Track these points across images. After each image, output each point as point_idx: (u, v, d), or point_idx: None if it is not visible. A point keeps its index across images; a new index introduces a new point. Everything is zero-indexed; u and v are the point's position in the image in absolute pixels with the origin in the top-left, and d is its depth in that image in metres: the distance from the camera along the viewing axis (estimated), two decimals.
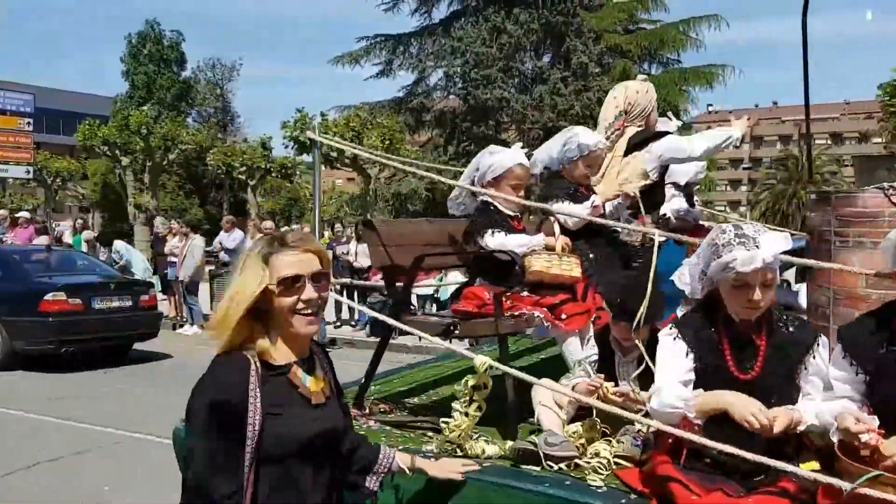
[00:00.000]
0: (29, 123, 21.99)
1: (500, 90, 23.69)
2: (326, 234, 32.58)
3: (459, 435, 2.50)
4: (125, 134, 25.66)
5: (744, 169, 62.60)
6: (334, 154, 18.59)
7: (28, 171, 23.30)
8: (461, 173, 3.81)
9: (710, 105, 39.24)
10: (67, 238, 16.23)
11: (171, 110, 40.83)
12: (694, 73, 21.57)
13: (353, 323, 12.56)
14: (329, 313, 12.22)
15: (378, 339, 3.25)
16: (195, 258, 12.23)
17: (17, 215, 17.24)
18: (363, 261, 11.95)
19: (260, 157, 24.20)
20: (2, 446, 5.98)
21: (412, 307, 4.55)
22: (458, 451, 2.50)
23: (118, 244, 13.95)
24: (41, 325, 8.96)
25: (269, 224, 13.00)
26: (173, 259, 12.59)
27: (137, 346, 10.48)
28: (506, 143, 4.48)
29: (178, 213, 33.54)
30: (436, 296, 11.26)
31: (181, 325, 12.58)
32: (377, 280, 11.33)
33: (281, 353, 1.75)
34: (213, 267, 13.46)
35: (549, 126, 20.17)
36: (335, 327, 12.25)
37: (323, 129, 18.02)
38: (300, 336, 1.76)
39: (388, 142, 18.77)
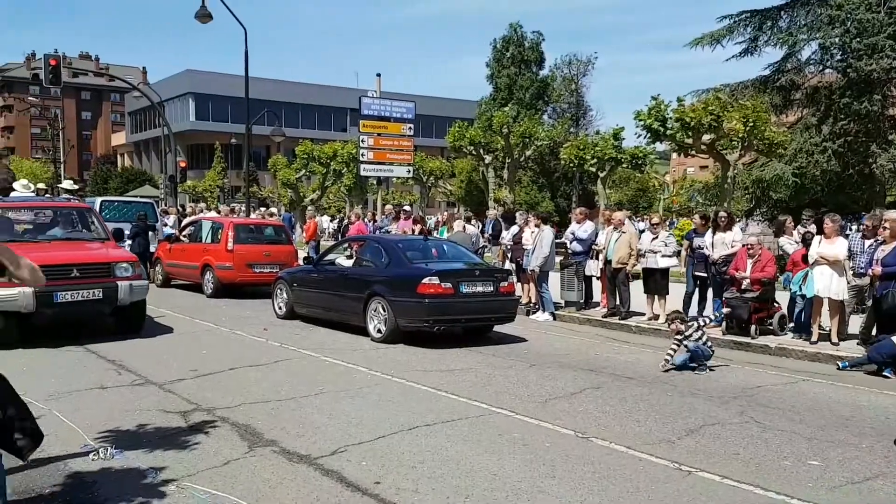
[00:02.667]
0: (410, 128, 24.76)
1: (889, 59, 20.46)
2: (676, 222, 31.33)
3: None
4: (488, 134, 27.70)
5: None
6: (689, 140, 17.80)
7: (409, 171, 26.31)
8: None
9: None
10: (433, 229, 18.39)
11: (528, 109, 42.99)
12: None
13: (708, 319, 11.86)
14: (677, 305, 11.75)
15: (734, 338, 2.99)
16: (544, 249, 12.68)
17: (402, 210, 19.70)
18: (720, 251, 11.24)
19: (611, 149, 24.21)
20: (385, 407, 6.81)
21: None
22: None
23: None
24: (419, 306, 10.01)
25: (619, 215, 12.91)
26: (527, 248, 13.23)
27: (496, 328, 11.25)
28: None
29: (531, 206, 35.22)
30: None
31: (533, 312, 13.15)
32: (740, 274, 10.58)
33: None
34: (562, 257, 13.84)
35: None
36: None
37: (679, 115, 17.37)
38: None
39: (750, 124, 17.37)
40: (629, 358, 9.63)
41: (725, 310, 10.60)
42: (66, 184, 18.09)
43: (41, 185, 20.73)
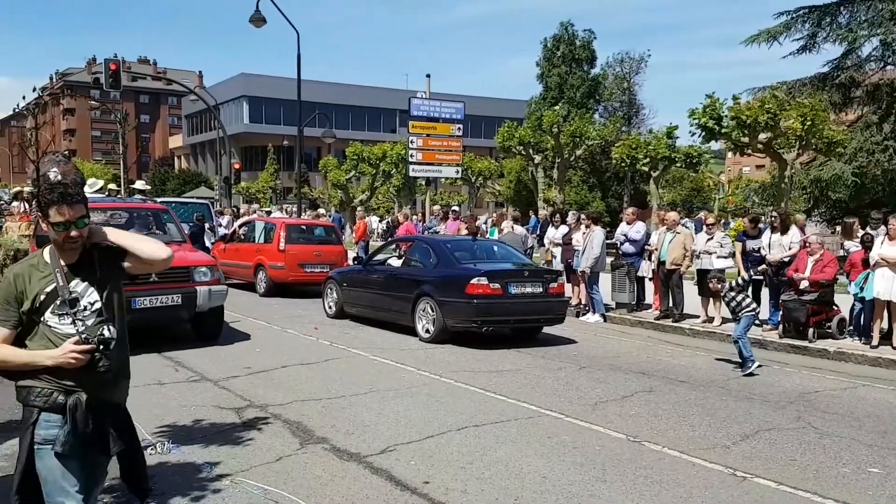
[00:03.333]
0: (459, 129, 24.78)
1: None
2: (732, 223, 30.74)
3: None
4: (538, 133, 27.54)
5: None
6: (745, 139, 17.42)
7: (457, 172, 26.33)
8: None
9: None
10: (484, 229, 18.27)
11: (579, 108, 42.60)
12: None
13: (760, 322, 11.56)
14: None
15: (791, 341, 2.87)
16: (595, 249, 12.55)
17: (449, 210, 19.76)
18: (777, 253, 10.96)
19: (664, 147, 23.82)
20: (434, 407, 6.84)
21: None
22: None
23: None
24: (467, 306, 10.01)
25: (672, 215, 12.69)
26: (577, 248, 13.12)
27: (545, 329, 11.17)
28: None
29: (581, 207, 34.89)
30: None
31: (583, 313, 13.02)
32: (798, 275, 10.30)
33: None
34: (613, 258, 13.67)
35: None
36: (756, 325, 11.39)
37: (735, 113, 17.01)
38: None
39: (808, 122, 16.90)
40: (682, 361, 9.46)
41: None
42: (139, 184, 17.90)
43: (112, 186, 20.76)
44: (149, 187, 18.94)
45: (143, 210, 11.25)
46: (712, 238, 11.76)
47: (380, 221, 38.71)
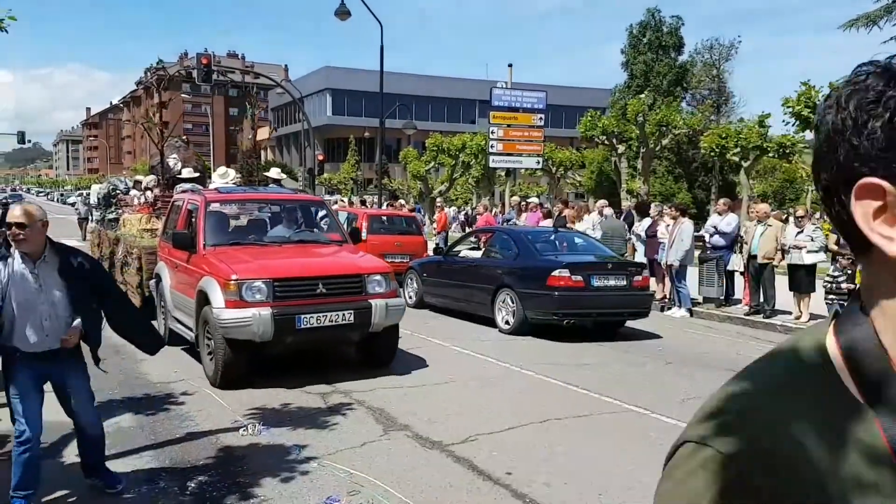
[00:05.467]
0: (541, 119, 24.55)
1: None
2: (824, 216, 29.35)
3: None
4: (622, 122, 26.99)
5: None
6: None
7: (538, 162, 26.12)
8: None
9: None
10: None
11: (666, 96, 41.49)
12: None
13: None
14: (823, 307, 10.99)
15: None
16: (684, 242, 12.21)
17: (527, 201, 19.60)
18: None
19: (756, 137, 22.94)
20: (515, 398, 6.82)
21: None
22: None
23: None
24: (548, 299, 9.91)
25: (764, 207, 12.21)
26: (662, 241, 12.81)
27: (628, 323, 10.97)
28: None
29: (666, 198, 34.00)
30: None
31: (668, 308, 12.71)
32: None
33: None
34: (700, 251, 13.28)
35: None
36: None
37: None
38: None
39: None
40: None
41: None
42: (274, 172, 15.77)
43: (231, 172, 18.71)
44: (284, 176, 15.99)
45: (294, 203, 9.47)
46: (802, 231, 11.23)
47: (458, 212, 38.84)
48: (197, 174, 12.80)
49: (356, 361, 8.22)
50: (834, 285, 10.26)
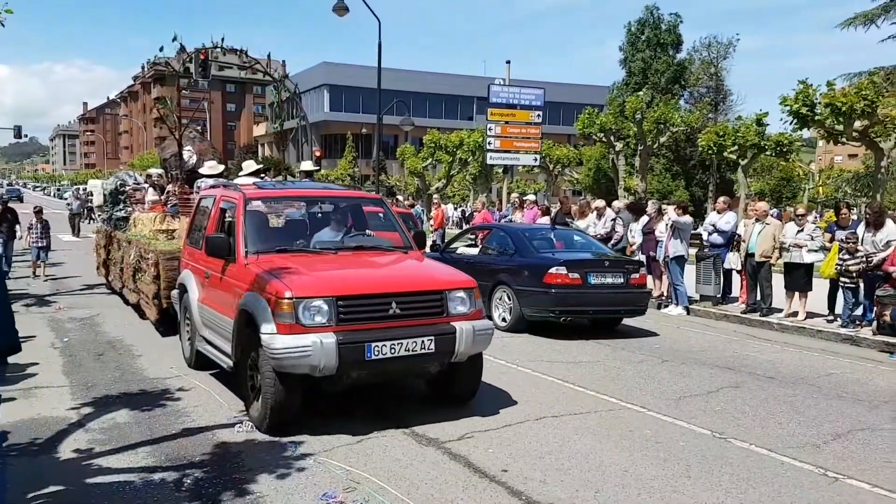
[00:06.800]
0: (539, 116, 24.51)
1: None
2: (823, 214, 29.38)
3: None
4: (619, 120, 26.99)
5: None
6: (839, 127, 16.61)
7: (535, 159, 26.08)
8: None
9: None
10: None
11: (664, 94, 41.49)
12: None
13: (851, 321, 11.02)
14: (818, 306, 11.03)
15: (887, 338, 2.69)
16: (685, 235, 12.24)
17: (524, 198, 19.59)
18: (869, 250, 10.40)
19: (753, 135, 22.96)
20: (511, 395, 6.81)
21: None
22: None
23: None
24: (545, 296, 9.90)
25: (763, 205, 12.21)
26: (659, 238, 12.81)
27: (625, 321, 10.97)
28: None
29: (663, 196, 34.04)
30: None
31: (665, 305, 12.72)
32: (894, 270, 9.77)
33: None
34: (697, 249, 13.28)
35: None
36: (828, 321, 10.94)
37: (829, 100, 16.24)
38: None
39: None
40: (771, 357, 9.12)
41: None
42: (306, 165, 14.13)
43: (253, 169, 15.14)
44: (317, 168, 13.77)
45: (351, 200, 7.79)
46: (802, 230, 11.24)
47: (455, 209, 38.82)
48: (222, 168, 11.54)
49: None
50: (843, 268, 10.34)
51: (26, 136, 69.65)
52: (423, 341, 5.65)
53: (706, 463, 5.16)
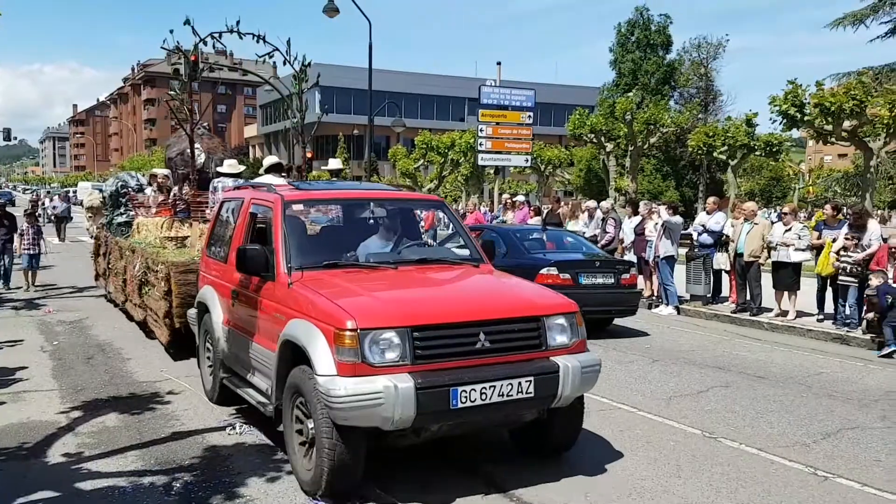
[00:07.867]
0: (529, 117, 24.53)
1: None
2: (814, 214, 29.55)
3: None
4: (610, 121, 27.04)
5: None
6: (828, 127, 16.69)
7: (527, 160, 26.10)
8: None
9: None
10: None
11: (654, 94, 41.59)
12: None
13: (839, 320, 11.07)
14: (809, 302, 11.08)
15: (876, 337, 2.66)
16: (676, 232, 12.29)
17: (514, 199, 19.62)
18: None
19: (743, 135, 23.05)
20: None
21: None
22: None
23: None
24: None
25: (751, 205, 12.26)
26: (649, 238, 12.84)
27: (616, 321, 10.98)
28: None
29: (654, 196, 34.13)
30: None
31: (656, 305, 12.75)
32: (878, 272, 9.82)
33: None
34: (687, 249, 13.33)
35: None
36: (818, 320, 10.99)
37: (818, 100, 16.32)
38: None
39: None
40: (761, 356, 9.15)
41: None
42: (334, 162, 12.92)
43: (273, 162, 12.27)
44: (345, 167, 11.78)
45: (407, 204, 6.56)
46: (790, 230, 11.26)
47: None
48: (243, 167, 10.27)
49: None
50: (842, 264, 10.32)
51: (16, 138, 69.36)
52: (519, 383, 4.37)
53: (697, 462, 5.18)
